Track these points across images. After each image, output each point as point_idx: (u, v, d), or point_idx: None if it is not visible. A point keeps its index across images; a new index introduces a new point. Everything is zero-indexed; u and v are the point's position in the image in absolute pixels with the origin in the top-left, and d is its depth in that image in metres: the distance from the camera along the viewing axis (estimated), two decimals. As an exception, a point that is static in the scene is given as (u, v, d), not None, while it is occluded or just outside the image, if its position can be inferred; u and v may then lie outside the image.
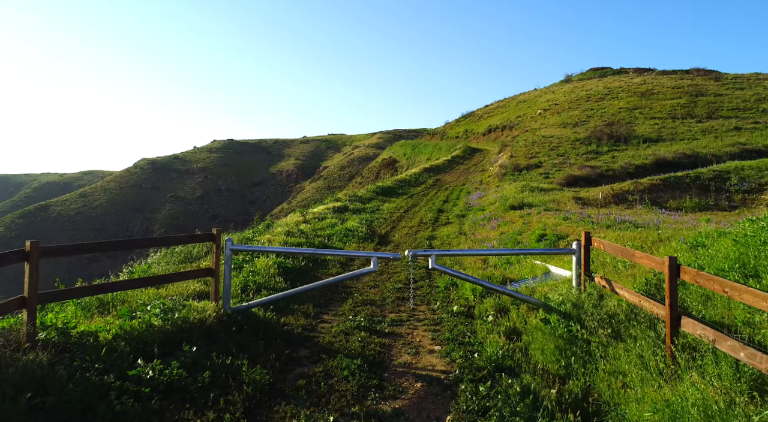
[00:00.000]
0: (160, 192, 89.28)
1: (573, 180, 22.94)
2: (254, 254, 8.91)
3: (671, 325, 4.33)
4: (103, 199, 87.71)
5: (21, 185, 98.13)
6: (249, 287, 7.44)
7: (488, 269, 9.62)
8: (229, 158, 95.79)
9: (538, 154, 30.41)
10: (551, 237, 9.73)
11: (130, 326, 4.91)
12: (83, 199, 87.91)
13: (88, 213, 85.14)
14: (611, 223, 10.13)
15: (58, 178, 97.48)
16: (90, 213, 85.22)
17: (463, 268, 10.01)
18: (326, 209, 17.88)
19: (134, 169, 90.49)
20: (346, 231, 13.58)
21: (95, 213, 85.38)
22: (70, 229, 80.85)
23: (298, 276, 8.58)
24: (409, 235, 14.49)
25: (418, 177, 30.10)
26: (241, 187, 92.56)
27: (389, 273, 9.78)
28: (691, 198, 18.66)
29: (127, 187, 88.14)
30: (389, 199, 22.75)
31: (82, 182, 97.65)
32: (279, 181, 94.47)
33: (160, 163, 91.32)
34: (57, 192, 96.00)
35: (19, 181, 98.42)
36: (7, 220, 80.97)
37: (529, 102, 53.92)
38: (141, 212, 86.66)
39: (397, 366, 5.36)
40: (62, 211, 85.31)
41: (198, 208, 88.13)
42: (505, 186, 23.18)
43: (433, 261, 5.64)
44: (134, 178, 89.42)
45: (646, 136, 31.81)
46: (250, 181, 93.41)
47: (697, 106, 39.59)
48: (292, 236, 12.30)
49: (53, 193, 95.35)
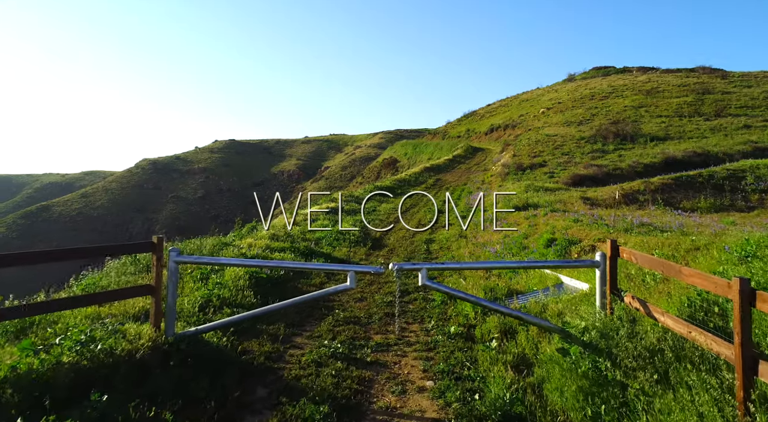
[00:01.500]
0: (162, 192, 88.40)
1: (579, 179, 21.71)
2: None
3: (743, 372, 3.14)
4: (104, 200, 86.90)
5: (23, 185, 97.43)
6: (212, 303, 6.25)
7: (491, 278, 8.42)
8: (230, 158, 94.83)
9: (542, 153, 29.18)
10: (562, 243, 8.54)
11: (26, 365, 3.73)
12: (84, 199, 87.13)
13: (90, 213, 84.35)
14: (629, 227, 8.92)
15: (59, 178, 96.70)
16: (91, 213, 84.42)
17: (463, 277, 8.83)
18: (319, 210, 16.72)
19: (135, 169, 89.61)
20: (337, 235, 12.39)
21: (96, 213, 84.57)
22: (71, 230, 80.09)
23: (273, 289, 7.39)
24: (406, 239, 13.30)
25: (419, 176, 28.90)
26: (242, 187, 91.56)
27: (380, 282, 8.60)
28: (706, 198, 17.40)
29: (128, 187, 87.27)
30: (387, 199, 21.56)
31: (84, 182, 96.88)
32: (280, 181, 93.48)
33: (161, 163, 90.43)
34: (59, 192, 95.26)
35: (21, 182, 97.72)
36: (9, 220, 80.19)
37: (532, 101, 52.64)
38: (142, 212, 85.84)
39: (377, 413, 4.17)
40: (63, 212, 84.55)
41: (199, 208, 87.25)
42: (509, 185, 21.97)
43: (423, 277, 4.44)
44: (135, 178, 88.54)
45: (653, 135, 30.53)
46: (251, 181, 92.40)
47: (704, 104, 38.25)
48: (277, 240, 11.13)
49: (55, 194, 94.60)
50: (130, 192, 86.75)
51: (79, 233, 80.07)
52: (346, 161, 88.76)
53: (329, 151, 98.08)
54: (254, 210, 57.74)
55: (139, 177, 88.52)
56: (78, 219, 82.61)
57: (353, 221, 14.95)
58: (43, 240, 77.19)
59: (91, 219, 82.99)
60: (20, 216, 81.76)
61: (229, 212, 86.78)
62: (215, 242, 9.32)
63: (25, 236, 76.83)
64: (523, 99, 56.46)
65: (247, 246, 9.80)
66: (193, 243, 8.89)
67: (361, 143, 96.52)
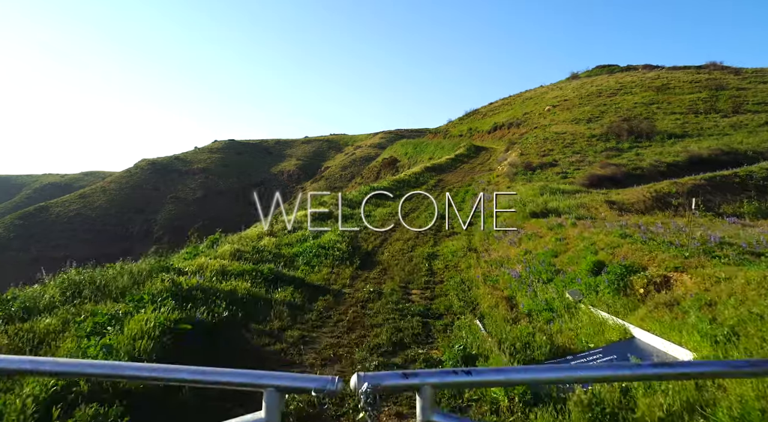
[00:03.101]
0: (161, 193, 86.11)
1: (596, 180, 19.17)
2: (153, 295, 5.27)
3: None
4: (102, 200, 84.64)
5: (22, 186, 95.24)
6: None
7: (521, 321, 5.91)
8: (230, 158, 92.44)
9: (552, 152, 26.64)
10: (615, 270, 6.05)
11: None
12: (83, 200, 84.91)
13: (88, 214, 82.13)
14: (706, 246, 6.39)
15: (59, 178, 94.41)
16: (89, 214, 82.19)
17: (478, 311, 6.31)
18: (305, 216, 14.20)
19: (134, 170, 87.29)
20: (319, 249, 9.85)
21: (95, 214, 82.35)
22: (69, 231, 77.92)
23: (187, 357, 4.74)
24: (404, 253, 10.77)
25: (419, 177, 26.33)
26: (242, 188, 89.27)
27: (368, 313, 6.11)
28: (749, 201, 14.86)
29: (127, 187, 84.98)
30: (384, 202, 19.02)
31: (83, 183, 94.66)
32: (280, 181, 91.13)
33: (160, 163, 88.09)
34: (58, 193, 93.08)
35: (21, 182, 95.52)
36: (7, 221, 77.99)
37: (536, 99, 50.04)
38: (141, 213, 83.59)
39: None
40: (61, 212, 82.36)
41: (198, 208, 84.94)
42: (519, 187, 19.45)
43: (426, 409, 1.80)
44: (134, 179, 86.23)
45: (670, 132, 27.96)
46: (251, 182, 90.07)
47: (719, 100, 35.65)
48: (239, 258, 8.62)
49: (54, 194, 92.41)
50: (129, 192, 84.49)
51: (77, 234, 77.95)
52: (347, 161, 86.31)
53: (329, 151, 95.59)
54: (254, 210, 54.98)
55: (137, 177, 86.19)
56: (76, 220, 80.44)
57: (342, 231, 12.44)
58: (40, 242, 75.10)
59: (89, 220, 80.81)
60: (18, 217, 79.56)
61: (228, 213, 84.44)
62: (149, 266, 6.81)
63: (23, 237, 74.70)
64: (527, 97, 53.86)
65: (196, 270, 7.30)
66: (113, 270, 6.37)
67: (361, 143, 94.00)
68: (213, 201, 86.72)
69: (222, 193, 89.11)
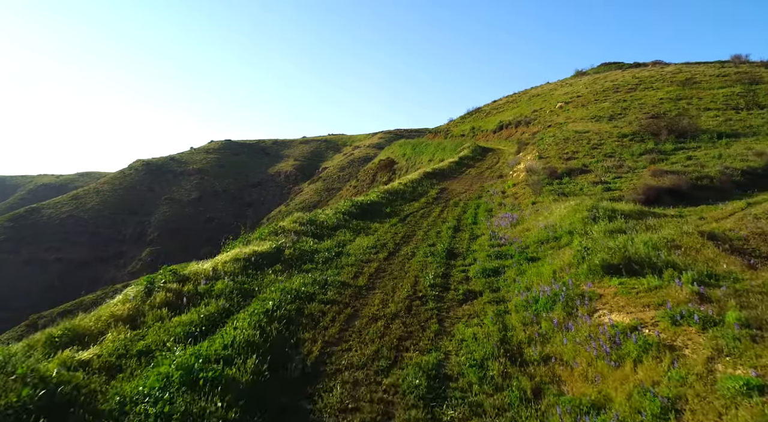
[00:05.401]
0: (155, 194, 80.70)
1: (655, 194, 13.62)
2: None
3: None
4: (95, 202, 79.18)
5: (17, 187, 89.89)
6: None
7: None
8: (226, 159, 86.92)
9: (577, 154, 21.06)
10: None
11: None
12: (75, 201, 79.44)
13: (80, 216, 76.69)
14: None
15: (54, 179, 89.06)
16: (82, 216, 76.74)
17: None
18: (237, 257, 8.62)
19: (128, 171, 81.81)
20: (177, 394, 4.24)
21: (87, 216, 76.89)
22: (61, 233, 72.57)
23: None
24: (389, 349, 5.24)
25: (417, 185, 20.72)
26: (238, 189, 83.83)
27: None
28: None
29: (120, 188, 79.58)
30: (368, 226, 13.41)
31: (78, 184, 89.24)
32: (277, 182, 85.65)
33: (155, 164, 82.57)
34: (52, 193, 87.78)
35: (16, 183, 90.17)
36: (-3, 223, 72.66)
37: (544, 95, 44.33)
38: (135, 215, 78.09)
39: None
40: (53, 214, 76.90)
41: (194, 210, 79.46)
42: (547, 202, 13.92)
43: None
44: (128, 180, 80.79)
45: (718, 131, 22.33)
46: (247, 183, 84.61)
47: (757, 95, 29.91)
48: None
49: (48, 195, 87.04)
50: (123, 194, 79.11)
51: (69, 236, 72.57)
52: (345, 162, 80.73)
53: (327, 151, 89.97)
54: (250, 212, 48.71)
55: (132, 178, 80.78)
56: (68, 221, 74.98)
57: (275, 301, 6.87)
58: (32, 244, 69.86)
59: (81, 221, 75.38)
60: (8, 219, 74.16)
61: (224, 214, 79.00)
62: None
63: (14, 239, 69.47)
64: (533, 94, 48.13)
65: None
66: None
67: (360, 143, 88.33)
68: (209, 202, 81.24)
69: (218, 194, 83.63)
